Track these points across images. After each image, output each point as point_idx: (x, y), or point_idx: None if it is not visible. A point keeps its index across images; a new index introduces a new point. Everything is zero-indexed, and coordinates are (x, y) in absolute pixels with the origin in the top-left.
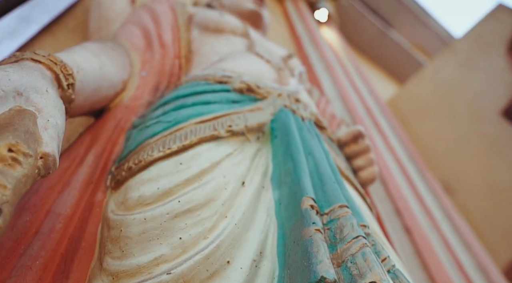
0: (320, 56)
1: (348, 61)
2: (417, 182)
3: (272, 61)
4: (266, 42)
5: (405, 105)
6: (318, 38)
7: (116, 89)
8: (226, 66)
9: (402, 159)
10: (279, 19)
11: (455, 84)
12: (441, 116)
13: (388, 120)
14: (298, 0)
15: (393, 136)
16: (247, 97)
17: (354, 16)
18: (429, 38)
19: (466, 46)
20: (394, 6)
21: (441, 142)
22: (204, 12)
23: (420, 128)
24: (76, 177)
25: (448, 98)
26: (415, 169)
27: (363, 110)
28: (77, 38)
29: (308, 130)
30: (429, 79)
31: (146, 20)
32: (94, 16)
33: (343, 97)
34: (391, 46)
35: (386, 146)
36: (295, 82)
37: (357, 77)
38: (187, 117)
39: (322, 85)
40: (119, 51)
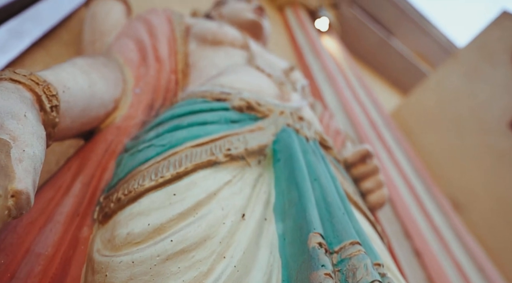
0: (321, 66)
1: (350, 72)
2: (425, 199)
3: (273, 75)
4: (267, 54)
5: (409, 116)
6: (319, 48)
7: (107, 109)
8: (225, 82)
9: (409, 175)
10: (279, 28)
11: (460, 94)
12: (447, 128)
13: (393, 134)
14: (299, 8)
15: (399, 150)
16: (247, 116)
17: (355, 25)
18: (431, 46)
19: (470, 55)
20: (395, 15)
21: (447, 154)
22: (202, 23)
23: (425, 140)
24: (60, 208)
25: (454, 109)
26: (423, 186)
27: (367, 123)
28: (72, 51)
29: (313, 152)
30: (433, 89)
31: (141, 32)
32: (88, 28)
33: (346, 110)
34: (393, 55)
35: (392, 161)
36: (297, 97)
37: (360, 88)
38: (182, 141)
39: (324, 97)
40: (111, 67)
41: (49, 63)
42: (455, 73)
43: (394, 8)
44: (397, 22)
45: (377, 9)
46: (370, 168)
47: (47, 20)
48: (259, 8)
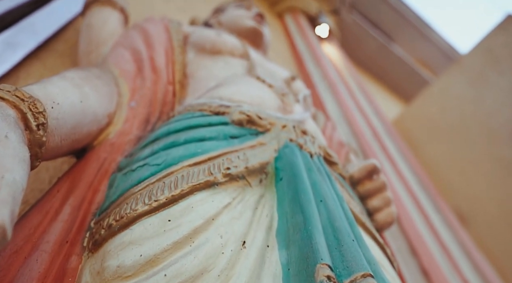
0: (322, 74)
1: (351, 79)
2: (431, 214)
3: (274, 86)
4: (268, 63)
5: (412, 124)
6: (320, 55)
7: (100, 125)
8: (224, 94)
9: (414, 187)
10: (279, 35)
11: (465, 102)
12: (451, 137)
13: (396, 144)
14: (298, 15)
15: (403, 162)
16: (248, 131)
17: (355, 31)
18: (432, 52)
19: (475, 61)
20: (395, 20)
21: (452, 165)
22: (200, 31)
23: (428, 149)
24: (47, 236)
25: (458, 117)
26: (428, 198)
27: (370, 133)
28: (68, 62)
29: (318, 170)
30: (437, 97)
31: (137, 42)
32: (83, 39)
33: (348, 120)
34: (393, 61)
35: (396, 173)
36: (300, 109)
37: (362, 97)
38: (178, 159)
39: (326, 106)
40: (106, 79)
41: (44, 75)
42: (459, 80)
43: (394, 13)
44: (397, 28)
45: (377, 14)
46: (378, 185)
47: (42, 31)
48: (259, 15)
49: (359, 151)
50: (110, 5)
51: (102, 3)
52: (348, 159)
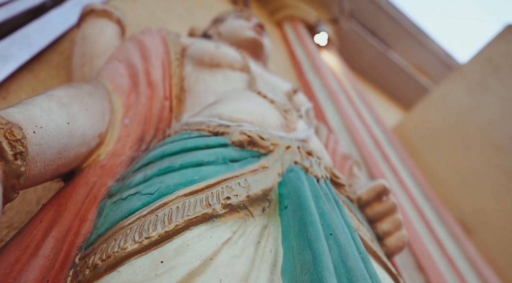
0: (322, 84)
1: (351, 87)
2: (436, 227)
3: (276, 102)
4: (268, 75)
5: (412, 132)
6: (319, 64)
7: (90, 146)
8: (223, 111)
9: (418, 199)
10: (278, 44)
11: (467, 110)
12: (453, 145)
13: (398, 154)
14: (297, 24)
15: (405, 172)
16: (249, 153)
17: (353, 39)
18: (428, 59)
19: (475, 70)
20: (393, 28)
21: (454, 174)
22: (199, 43)
23: (429, 158)
24: (26, 275)
25: (460, 125)
26: (432, 210)
27: (371, 143)
28: (62, 75)
29: (326, 196)
30: (438, 105)
31: (133, 55)
32: (77, 51)
33: (349, 129)
34: (391, 69)
35: (399, 184)
36: (303, 125)
37: (362, 105)
38: (172, 188)
39: (326, 116)
40: (97, 96)
41: (36, 88)
42: (459, 88)
43: (391, 22)
44: (394, 35)
45: (374, 23)
46: (387, 207)
47: (37, 42)
48: (259, 26)
49: (361, 161)
50: (106, 16)
51: (98, 14)
52: (352, 173)
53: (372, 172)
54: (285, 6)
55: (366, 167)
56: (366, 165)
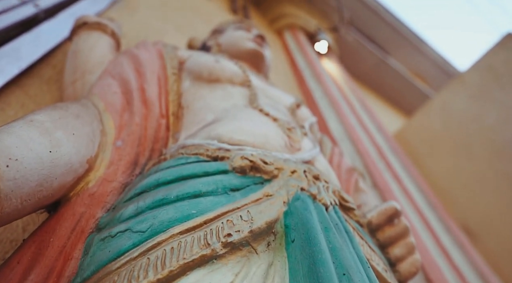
0: (323, 91)
1: (352, 95)
2: (442, 236)
3: (280, 119)
4: (270, 88)
5: (413, 139)
6: (320, 72)
7: (77, 173)
8: (223, 132)
9: (423, 208)
10: (279, 52)
11: (468, 117)
12: (455, 152)
13: (402, 162)
14: (297, 32)
15: (410, 181)
16: (251, 180)
17: (353, 46)
18: (426, 65)
19: (476, 77)
20: (391, 35)
21: (457, 180)
22: (197, 57)
23: (432, 165)
24: None
25: (461, 132)
26: (438, 220)
27: (375, 152)
28: (54, 90)
29: (337, 227)
30: (439, 112)
31: (127, 70)
32: (69, 66)
33: (352, 138)
34: (391, 75)
35: (403, 193)
36: (309, 143)
37: (363, 113)
38: (167, 224)
39: (328, 125)
40: (87, 117)
41: (26, 104)
42: (461, 96)
43: (389, 29)
44: (393, 42)
45: (373, 30)
46: (399, 231)
47: (27, 56)
48: (259, 37)
49: (365, 171)
50: (100, 29)
51: (91, 26)
52: (358, 187)
53: (376, 181)
54: (285, 15)
55: (370, 176)
56: (369, 174)
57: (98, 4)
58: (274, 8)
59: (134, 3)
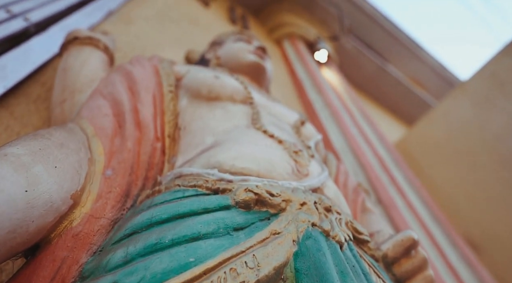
0: (324, 102)
1: (353, 104)
2: (449, 252)
3: (285, 142)
4: (273, 104)
5: (415, 149)
6: (320, 81)
7: (59, 212)
8: (224, 159)
9: (428, 223)
10: (278, 62)
11: (472, 126)
12: (458, 161)
13: (405, 174)
14: (297, 41)
15: (414, 194)
16: (256, 215)
17: (352, 54)
18: (426, 73)
19: (479, 85)
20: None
21: (461, 190)
22: (195, 73)
23: (434, 175)
24: None
25: (465, 141)
26: (444, 234)
27: (378, 164)
28: (42, 109)
29: (353, 269)
30: (441, 120)
31: (119, 89)
32: (58, 85)
33: (354, 150)
34: (391, 83)
35: (409, 209)
36: (316, 166)
37: (365, 124)
38: (161, 277)
39: (330, 137)
40: (72, 145)
41: (11, 126)
42: (464, 104)
43: (388, 36)
44: (392, 50)
45: (372, 37)
46: (417, 263)
47: (14, 74)
48: (260, 49)
49: (368, 185)
50: (92, 43)
51: (82, 41)
52: (365, 207)
53: (380, 197)
54: (284, 24)
55: (374, 191)
56: (373, 189)
57: (92, 17)
58: (273, 17)
59: (130, 15)
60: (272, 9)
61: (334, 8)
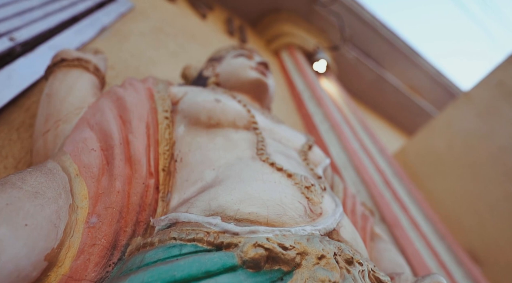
0: (324, 114)
1: (353, 116)
2: (453, 270)
3: (295, 175)
4: (277, 127)
5: (415, 159)
6: (320, 93)
7: (29, 279)
8: (227, 202)
9: (433, 241)
10: (276, 73)
11: (475, 137)
12: (461, 173)
13: (409, 191)
14: (295, 51)
15: (418, 212)
16: (268, 277)
17: (351, 63)
18: (423, 80)
19: (484, 94)
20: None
21: (463, 203)
22: (194, 96)
23: (435, 186)
24: None
25: (468, 153)
26: (448, 251)
27: (380, 180)
28: (25, 138)
29: None
30: (443, 131)
31: (109, 118)
32: (41, 113)
33: (355, 165)
34: (389, 91)
35: (413, 226)
36: (330, 203)
37: (366, 136)
38: None
39: (330, 151)
40: (50, 192)
41: None
42: (467, 114)
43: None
44: (390, 58)
45: (370, 46)
46: None
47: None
48: (262, 64)
49: (371, 202)
50: (80, 65)
51: (69, 63)
52: (374, 233)
53: (384, 215)
54: (283, 34)
55: (377, 208)
56: (376, 206)
57: (83, 34)
58: (271, 28)
59: (124, 31)
60: (270, 19)
61: (334, 18)
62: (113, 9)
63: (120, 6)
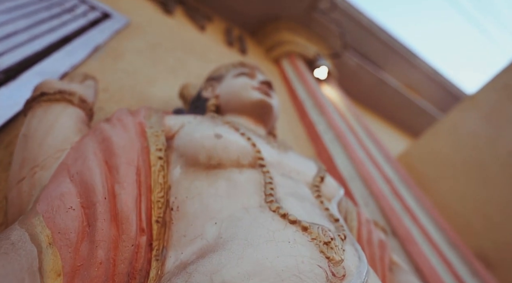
0: (327, 123)
1: (357, 123)
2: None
3: (311, 227)
4: (285, 157)
5: (420, 162)
6: (322, 101)
7: None
8: (233, 278)
9: (446, 252)
10: (277, 82)
11: (482, 139)
12: (469, 177)
13: (419, 201)
14: (296, 59)
15: (427, 220)
16: None
17: (351, 68)
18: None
19: (490, 97)
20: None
21: (472, 206)
22: (191, 131)
23: (443, 189)
24: None
25: (476, 156)
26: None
27: (389, 191)
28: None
29: None
30: (448, 134)
31: (92, 167)
32: (17, 157)
33: (363, 177)
34: (389, 94)
35: (427, 239)
36: (352, 256)
37: (371, 144)
38: None
39: (335, 162)
40: (8, 278)
41: None
42: (473, 117)
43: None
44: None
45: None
46: None
47: None
48: (265, 83)
49: (381, 216)
50: (64, 99)
51: (49, 98)
52: (392, 262)
53: (395, 228)
54: (282, 42)
55: (387, 222)
56: (386, 219)
57: (74, 55)
58: (271, 36)
59: (119, 49)
60: (269, 28)
61: (334, 25)
62: (108, 26)
63: (115, 23)
